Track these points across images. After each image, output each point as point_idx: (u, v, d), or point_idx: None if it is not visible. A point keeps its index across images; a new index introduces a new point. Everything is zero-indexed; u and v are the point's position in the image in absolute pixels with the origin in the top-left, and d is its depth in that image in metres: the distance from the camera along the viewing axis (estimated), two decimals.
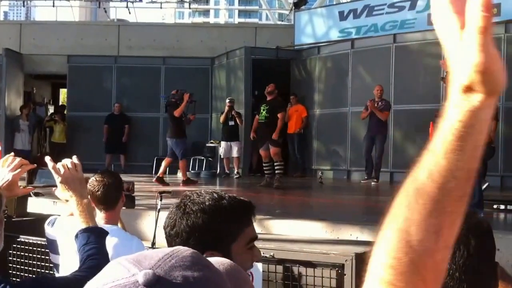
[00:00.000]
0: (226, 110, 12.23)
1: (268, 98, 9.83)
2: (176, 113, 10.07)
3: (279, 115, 9.64)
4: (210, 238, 1.42)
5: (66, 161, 1.96)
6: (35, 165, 2.07)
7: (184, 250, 0.75)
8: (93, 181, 2.77)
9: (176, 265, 0.72)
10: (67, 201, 1.97)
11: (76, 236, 1.90)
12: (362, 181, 11.02)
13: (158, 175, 10.06)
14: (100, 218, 2.74)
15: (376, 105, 10.53)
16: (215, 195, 1.48)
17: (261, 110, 9.80)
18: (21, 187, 2.06)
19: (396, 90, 11.41)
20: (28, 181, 2.08)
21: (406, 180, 0.72)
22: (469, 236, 1.38)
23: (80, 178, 1.97)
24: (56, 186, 1.96)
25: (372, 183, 10.65)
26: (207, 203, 1.44)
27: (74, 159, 1.99)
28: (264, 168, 10.04)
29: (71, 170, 1.94)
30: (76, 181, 1.94)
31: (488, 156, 7.50)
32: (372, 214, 7.15)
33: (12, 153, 2.04)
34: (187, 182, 10.14)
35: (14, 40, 15.38)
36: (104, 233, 1.96)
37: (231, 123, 12.24)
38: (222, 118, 12.28)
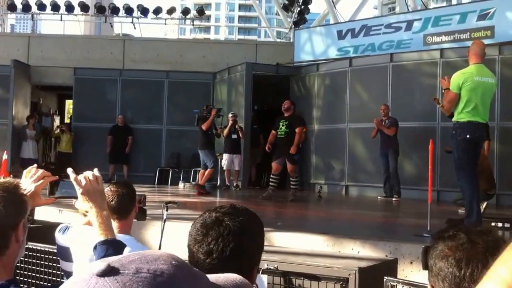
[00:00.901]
0: (230, 124, 12.56)
1: (286, 114, 9.99)
2: (204, 126, 10.83)
3: (297, 130, 9.80)
4: (251, 257, 1.45)
5: (88, 173, 1.97)
6: (57, 177, 2.09)
7: (156, 252, 0.75)
8: (108, 191, 2.83)
9: (136, 260, 0.71)
10: (86, 212, 1.97)
11: (95, 247, 1.90)
12: (379, 198, 10.90)
13: (198, 183, 10.99)
14: (113, 227, 2.89)
15: (383, 123, 10.84)
16: (245, 212, 1.48)
17: (280, 126, 9.93)
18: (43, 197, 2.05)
19: (393, 107, 11.56)
20: (49, 192, 2.09)
21: None
22: (487, 254, 1.33)
23: (101, 190, 1.98)
24: (76, 197, 1.96)
25: (393, 199, 10.62)
26: (243, 224, 1.44)
27: (96, 171, 1.99)
28: (271, 180, 10.21)
29: (92, 182, 1.95)
30: (96, 193, 1.95)
31: (486, 200, 7.76)
32: (373, 229, 7.07)
33: (35, 165, 2.07)
34: (201, 187, 10.88)
35: (22, 52, 15.58)
36: (122, 246, 1.94)
37: (234, 136, 12.60)
38: (226, 132, 12.54)
